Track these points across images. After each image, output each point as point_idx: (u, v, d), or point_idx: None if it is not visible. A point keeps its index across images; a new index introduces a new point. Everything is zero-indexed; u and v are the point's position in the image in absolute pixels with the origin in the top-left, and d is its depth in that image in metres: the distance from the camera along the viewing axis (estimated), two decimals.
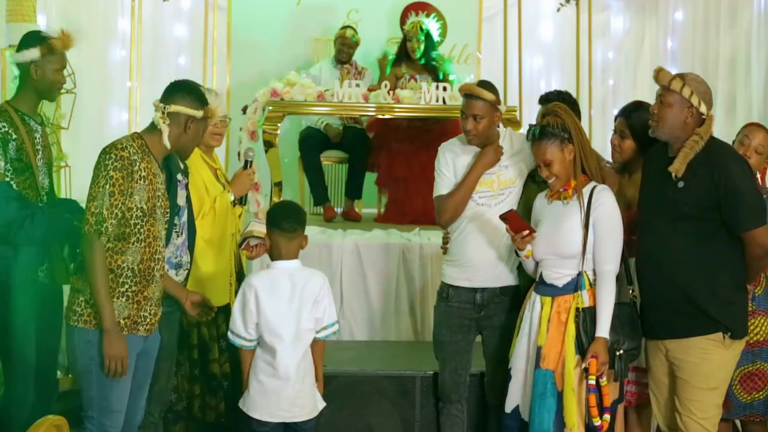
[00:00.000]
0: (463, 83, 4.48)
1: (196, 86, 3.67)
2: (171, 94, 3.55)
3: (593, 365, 3.59)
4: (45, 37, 3.88)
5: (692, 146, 3.62)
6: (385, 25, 7.71)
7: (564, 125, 3.72)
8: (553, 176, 3.74)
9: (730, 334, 3.64)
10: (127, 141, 3.47)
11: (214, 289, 4.16)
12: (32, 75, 3.85)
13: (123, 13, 7.58)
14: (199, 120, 3.57)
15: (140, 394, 3.62)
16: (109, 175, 3.37)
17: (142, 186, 3.42)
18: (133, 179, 3.40)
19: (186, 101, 3.53)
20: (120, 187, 3.37)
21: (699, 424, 3.67)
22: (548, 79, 8.33)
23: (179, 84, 3.63)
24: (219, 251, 4.16)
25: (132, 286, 3.43)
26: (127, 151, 3.42)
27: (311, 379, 3.78)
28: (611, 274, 3.69)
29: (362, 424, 4.43)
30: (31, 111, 3.91)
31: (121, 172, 3.38)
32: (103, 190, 3.36)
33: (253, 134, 6.21)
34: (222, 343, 4.23)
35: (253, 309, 3.69)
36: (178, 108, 3.50)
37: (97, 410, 3.45)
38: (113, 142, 3.47)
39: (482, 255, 4.02)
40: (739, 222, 3.62)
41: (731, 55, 6.77)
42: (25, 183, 3.80)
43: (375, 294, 5.58)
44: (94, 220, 3.35)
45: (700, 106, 3.65)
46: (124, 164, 3.39)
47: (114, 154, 3.39)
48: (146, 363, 3.61)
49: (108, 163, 3.39)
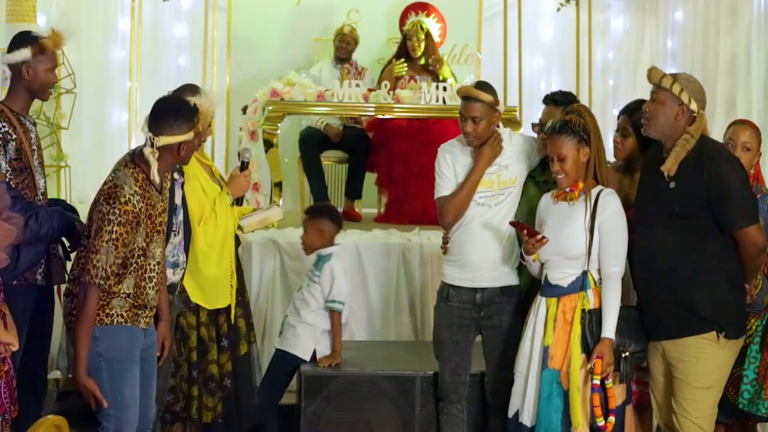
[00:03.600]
0: (461, 85, 4.49)
1: (180, 103, 3.51)
2: (158, 122, 3.39)
3: (598, 365, 3.60)
4: (36, 37, 3.86)
5: (683, 145, 3.62)
6: (384, 25, 7.72)
7: (585, 127, 3.72)
8: (563, 173, 3.73)
9: (725, 333, 3.63)
10: (130, 187, 3.36)
11: (216, 291, 4.16)
12: (24, 75, 3.84)
13: (123, 13, 7.58)
14: (192, 139, 3.47)
15: (150, 387, 3.62)
16: (113, 230, 3.31)
17: (143, 227, 3.40)
18: (137, 229, 3.37)
19: (174, 128, 3.39)
20: (124, 240, 3.33)
21: (694, 423, 3.67)
22: (548, 79, 8.34)
23: (164, 108, 3.46)
24: (221, 254, 4.16)
25: (128, 298, 3.45)
26: (131, 203, 3.34)
27: None
28: (617, 275, 3.70)
29: (362, 424, 4.43)
30: (25, 111, 3.90)
31: (126, 227, 3.33)
32: (107, 246, 3.31)
33: (253, 134, 6.22)
34: (223, 342, 4.23)
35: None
36: (168, 140, 3.38)
37: (113, 406, 3.43)
38: (116, 190, 3.35)
39: (482, 255, 4.02)
40: (730, 221, 3.61)
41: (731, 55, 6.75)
42: (24, 183, 3.80)
43: (375, 294, 5.58)
44: (95, 273, 3.31)
45: (690, 104, 3.65)
46: (129, 219, 3.33)
47: (118, 209, 3.31)
48: (151, 356, 3.61)
49: (112, 218, 3.31)
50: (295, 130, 7.15)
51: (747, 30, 6.63)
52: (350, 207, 6.92)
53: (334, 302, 4.56)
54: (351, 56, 7.18)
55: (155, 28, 7.75)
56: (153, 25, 7.71)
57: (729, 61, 6.79)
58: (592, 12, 7.97)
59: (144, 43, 7.45)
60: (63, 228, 3.70)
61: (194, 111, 3.47)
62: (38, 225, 3.58)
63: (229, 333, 4.27)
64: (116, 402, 3.43)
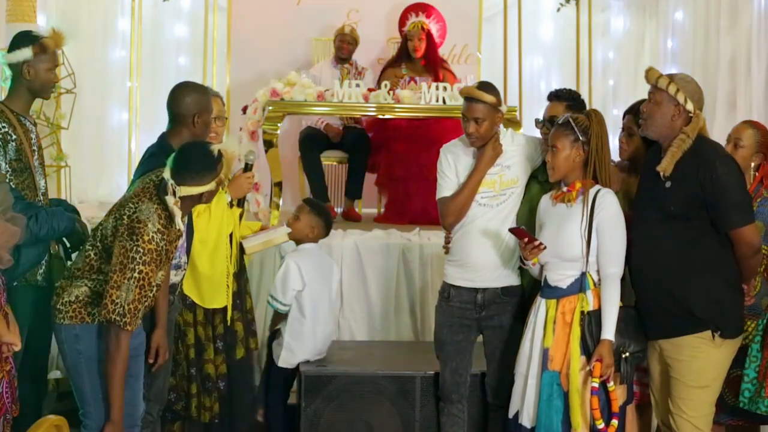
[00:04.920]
0: (464, 86, 4.48)
1: (204, 153, 3.40)
2: (181, 172, 3.33)
3: (597, 368, 3.59)
4: (37, 37, 3.86)
5: (679, 145, 3.62)
6: (384, 25, 7.72)
7: (587, 129, 3.71)
8: (552, 167, 3.74)
9: (720, 333, 3.63)
10: (153, 225, 3.30)
11: (210, 289, 4.15)
12: (25, 75, 3.84)
13: (123, 13, 7.59)
14: (214, 188, 3.43)
15: (137, 386, 3.61)
16: (137, 269, 3.26)
17: (164, 264, 3.40)
18: (160, 267, 3.36)
19: (196, 180, 3.34)
20: (149, 280, 3.29)
21: (690, 422, 3.67)
22: (548, 79, 8.34)
23: (188, 158, 3.37)
24: (215, 252, 4.15)
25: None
26: (154, 241, 3.29)
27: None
28: (615, 276, 3.69)
29: (362, 424, 4.43)
30: (25, 111, 3.90)
31: (150, 266, 3.29)
32: (128, 284, 3.26)
33: (253, 134, 6.21)
34: (218, 343, 4.23)
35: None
36: (189, 190, 3.34)
37: (93, 404, 3.43)
38: (140, 227, 3.28)
39: (484, 255, 4.02)
40: (725, 221, 3.61)
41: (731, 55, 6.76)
42: (24, 183, 3.80)
43: (375, 294, 5.58)
44: (112, 309, 3.25)
45: (686, 104, 3.65)
46: (153, 257, 3.29)
47: (142, 248, 3.26)
48: (137, 355, 3.59)
49: (136, 256, 3.26)
50: (295, 130, 7.15)
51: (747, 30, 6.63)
52: (350, 207, 6.92)
53: (273, 299, 4.46)
54: (351, 56, 7.18)
55: (155, 28, 7.76)
56: (153, 25, 7.71)
57: (729, 61, 6.79)
58: (592, 12, 7.97)
59: (144, 43, 7.46)
60: (64, 228, 3.70)
61: (218, 160, 3.40)
62: (39, 226, 3.57)
63: (225, 335, 4.27)
64: (97, 400, 3.42)
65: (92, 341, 3.41)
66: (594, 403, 3.59)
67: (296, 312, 4.46)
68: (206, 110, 3.87)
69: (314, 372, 4.44)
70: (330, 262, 4.73)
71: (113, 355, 3.30)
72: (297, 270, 4.42)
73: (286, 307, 4.45)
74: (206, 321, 4.21)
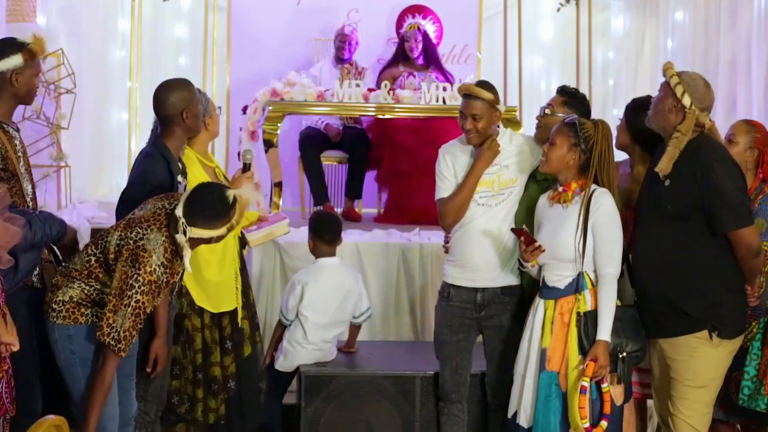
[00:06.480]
0: (462, 83, 4.48)
1: (219, 198, 3.36)
2: (194, 214, 3.31)
3: (590, 368, 3.57)
4: (23, 44, 3.84)
5: (675, 144, 3.60)
6: (384, 25, 7.72)
7: (589, 138, 3.70)
8: (544, 158, 3.75)
9: (718, 332, 3.62)
10: (158, 257, 3.30)
11: (221, 295, 4.15)
12: (13, 83, 3.80)
13: (123, 13, 7.59)
14: (225, 234, 3.41)
15: (129, 385, 3.61)
16: (135, 298, 3.26)
17: (162, 294, 3.41)
18: (157, 298, 3.37)
19: (209, 224, 3.33)
20: (144, 309, 3.30)
21: (686, 422, 3.67)
22: (548, 79, 8.33)
23: (202, 200, 3.34)
24: (222, 257, 4.14)
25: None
26: (156, 274, 3.29)
27: None
28: (612, 276, 3.68)
29: (362, 424, 4.43)
30: (8, 118, 3.86)
31: (148, 296, 3.29)
32: (125, 311, 3.26)
33: (253, 134, 6.22)
34: (227, 344, 4.22)
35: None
36: (200, 233, 3.32)
37: None
38: (144, 256, 3.28)
39: (483, 255, 4.02)
40: (721, 222, 3.59)
41: (731, 55, 6.76)
42: (12, 191, 3.77)
43: (375, 294, 5.57)
44: (107, 332, 3.25)
45: (683, 98, 3.62)
46: (151, 288, 3.30)
47: (142, 278, 3.26)
48: (129, 355, 3.55)
49: (135, 285, 3.26)
50: (295, 130, 7.15)
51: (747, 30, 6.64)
52: (350, 207, 6.92)
53: (280, 312, 4.63)
54: (351, 56, 7.18)
55: (155, 28, 7.75)
56: (153, 25, 7.71)
57: (729, 61, 6.79)
58: (592, 12, 7.97)
59: (144, 43, 7.46)
60: (56, 233, 3.69)
61: (231, 206, 3.36)
62: (33, 233, 3.56)
63: (233, 335, 4.26)
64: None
65: (86, 342, 3.40)
66: (581, 402, 3.57)
67: (297, 323, 4.53)
68: (192, 102, 3.86)
69: (314, 372, 4.44)
70: (345, 279, 4.63)
71: (100, 374, 3.32)
72: (300, 291, 4.51)
73: (288, 321, 4.57)
74: (213, 324, 4.20)
